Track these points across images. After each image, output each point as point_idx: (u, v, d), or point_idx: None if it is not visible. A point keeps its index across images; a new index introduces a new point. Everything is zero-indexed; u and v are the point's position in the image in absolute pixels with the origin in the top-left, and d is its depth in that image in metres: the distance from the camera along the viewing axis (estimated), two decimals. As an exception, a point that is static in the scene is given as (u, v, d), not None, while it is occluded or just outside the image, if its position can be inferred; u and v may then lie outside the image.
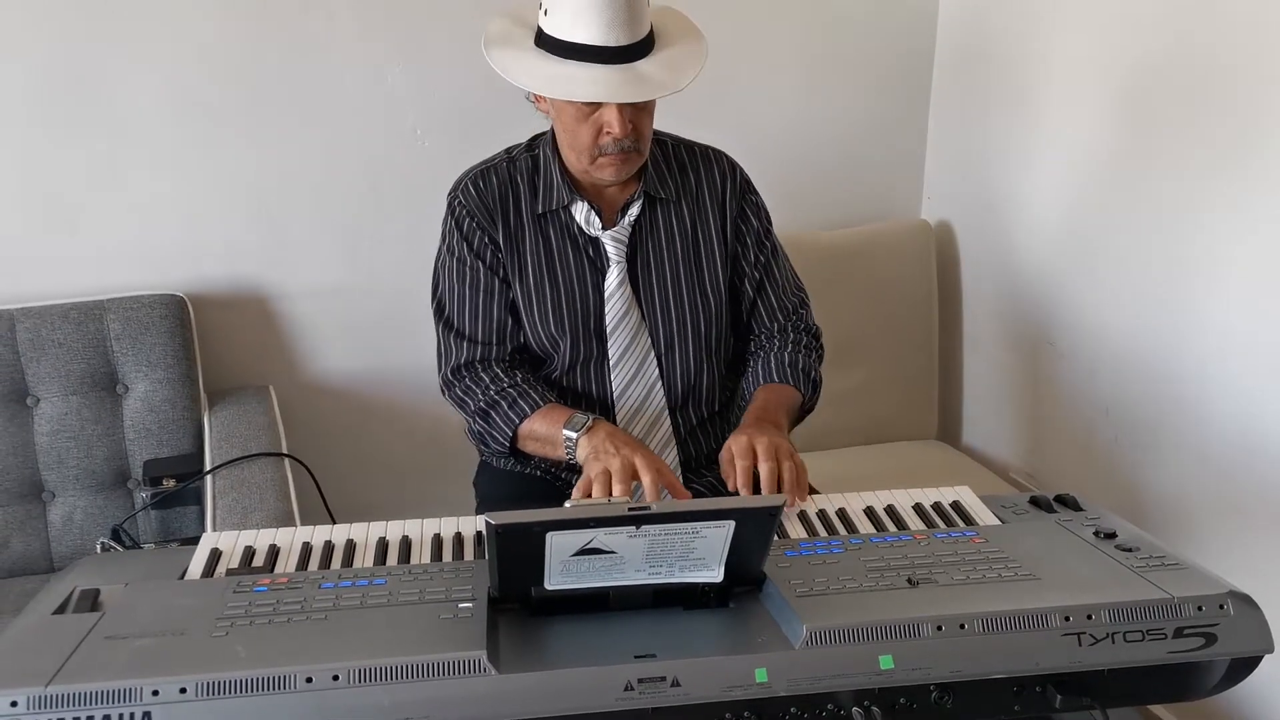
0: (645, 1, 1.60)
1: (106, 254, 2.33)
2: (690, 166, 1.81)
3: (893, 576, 1.20)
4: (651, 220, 1.77)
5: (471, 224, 1.74)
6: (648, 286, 1.77)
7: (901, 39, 2.71)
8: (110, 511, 2.20)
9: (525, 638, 1.12)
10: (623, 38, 1.56)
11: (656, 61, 1.60)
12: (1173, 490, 2.16)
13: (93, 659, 1.04)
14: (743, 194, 1.83)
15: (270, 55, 2.32)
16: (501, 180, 1.76)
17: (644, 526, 1.09)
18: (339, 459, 2.49)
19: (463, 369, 1.75)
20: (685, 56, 1.63)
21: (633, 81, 1.57)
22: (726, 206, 1.80)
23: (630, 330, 1.75)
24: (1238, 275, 1.96)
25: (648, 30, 1.61)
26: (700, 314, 1.78)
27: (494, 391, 1.70)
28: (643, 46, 1.60)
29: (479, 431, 1.75)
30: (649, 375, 1.77)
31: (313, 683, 1.02)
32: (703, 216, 1.79)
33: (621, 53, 1.57)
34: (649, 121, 1.67)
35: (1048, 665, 1.11)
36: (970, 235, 2.74)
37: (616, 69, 1.57)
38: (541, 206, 1.74)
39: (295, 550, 1.33)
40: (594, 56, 1.57)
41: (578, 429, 1.60)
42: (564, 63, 1.58)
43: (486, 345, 1.75)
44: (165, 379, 2.23)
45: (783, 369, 1.78)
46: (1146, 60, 2.12)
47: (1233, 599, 1.14)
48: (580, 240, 1.75)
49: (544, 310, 1.74)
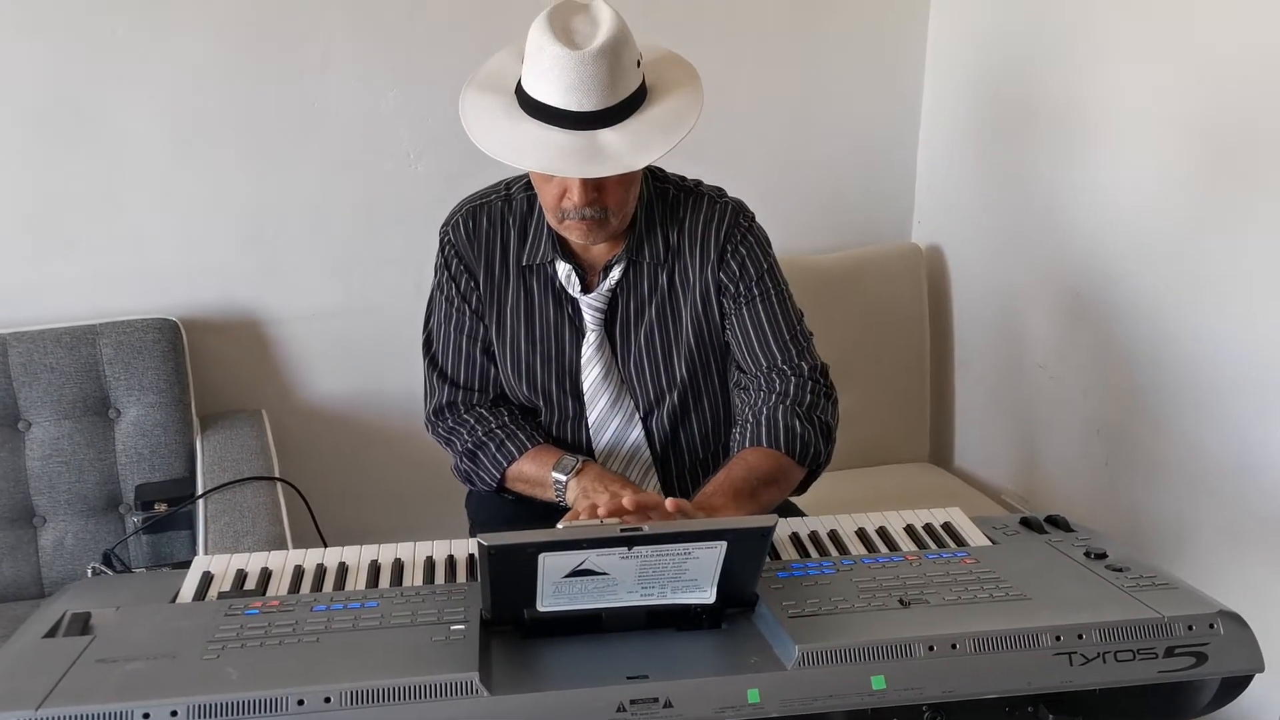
0: (627, 62, 1.46)
1: (99, 278, 2.33)
2: (684, 219, 1.68)
3: (885, 597, 1.21)
4: (635, 280, 1.68)
5: (459, 265, 1.69)
6: (625, 349, 1.69)
7: (891, 63, 2.73)
8: (102, 536, 2.19)
9: (518, 659, 1.12)
10: (586, 103, 1.44)
11: (626, 130, 1.46)
12: (1164, 511, 2.16)
13: (84, 682, 1.04)
14: (725, 241, 1.67)
15: (265, 80, 2.33)
16: (492, 221, 1.68)
17: (636, 548, 1.09)
18: (331, 483, 2.49)
19: (445, 410, 1.73)
20: (661, 125, 1.48)
21: (585, 153, 1.44)
22: (709, 257, 1.67)
23: (610, 393, 1.69)
24: (1228, 297, 1.97)
25: (626, 95, 1.47)
26: (681, 373, 1.70)
27: (481, 433, 1.68)
28: (614, 113, 1.46)
29: (465, 471, 1.72)
30: (633, 434, 1.72)
31: (304, 705, 1.02)
32: (682, 272, 1.68)
33: (585, 118, 1.45)
34: (621, 191, 1.54)
35: (1039, 685, 1.11)
36: (961, 259, 2.76)
37: (574, 135, 1.45)
38: (526, 258, 1.67)
39: (287, 573, 1.33)
40: (555, 119, 1.45)
41: (567, 472, 1.58)
42: (523, 120, 1.48)
43: (469, 390, 1.73)
44: (158, 403, 2.23)
45: (758, 431, 1.61)
46: (1138, 83, 2.13)
47: (1223, 618, 1.15)
48: (562, 297, 1.68)
49: (518, 366, 1.70)
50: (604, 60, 1.43)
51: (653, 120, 1.49)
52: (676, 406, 1.72)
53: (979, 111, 2.60)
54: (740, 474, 1.55)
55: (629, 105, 1.48)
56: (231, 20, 2.28)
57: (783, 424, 1.61)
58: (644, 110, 1.50)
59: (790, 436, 1.60)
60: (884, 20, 2.69)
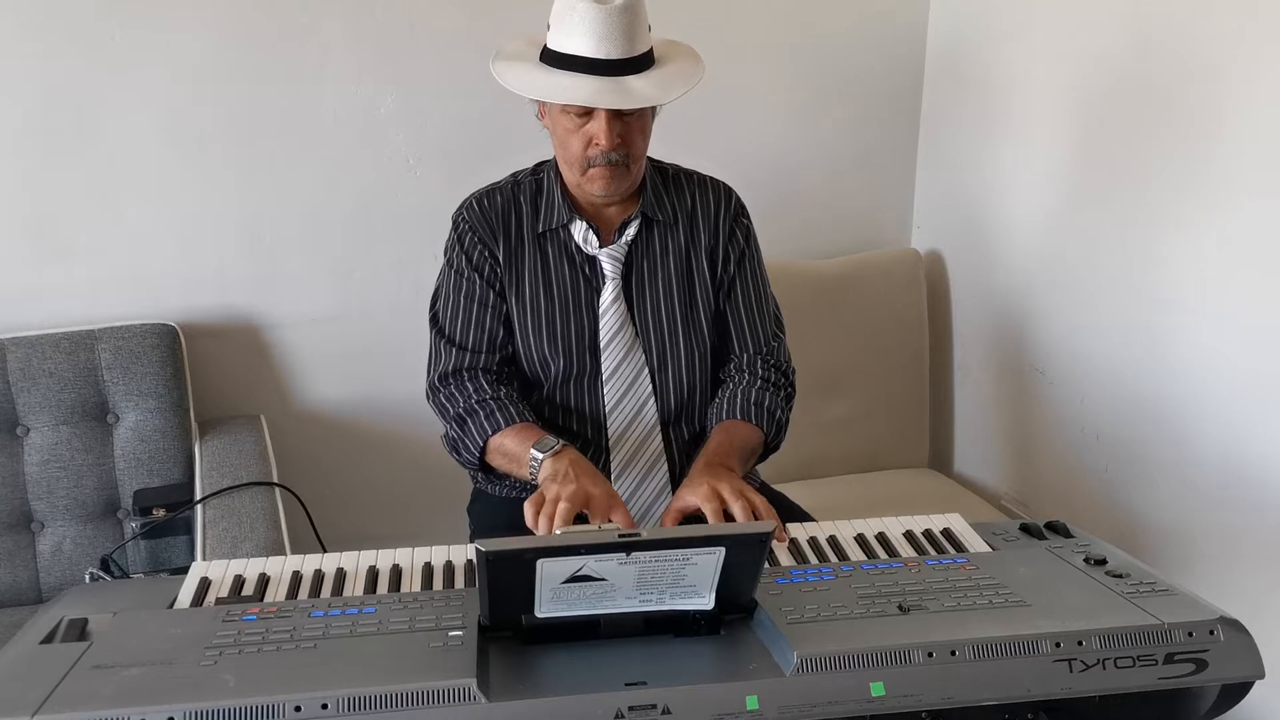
0: (644, 23, 1.66)
1: (98, 283, 2.33)
2: (688, 191, 1.86)
3: (884, 603, 1.20)
4: (648, 240, 1.81)
5: (472, 238, 1.79)
6: (641, 304, 1.80)
7: (890, 68, 2.73)
8: (100, 541, 2.18)
9: (516, 665, 1.12)
10: (614, 51, 1.62)
11: (647, 78, 1.66)
12: (1163, 516, 2.16)
13: (80, 688, 1.04)
14: (735, 217, 1.86)
15: (263, 84, 2.33)
16: (505, 200, 1.81)
17: (634, 553, 1.09)
18: (330, 488, 2.48)
19: (449, 375, 1.78)
20: (676, 75, 1.69)
21: (618, 92, 1.63)
22: (720, 229, 1.84)
23: (624, 346, 1.78)
24: (1226, 302, 1.97)
25: (644, 50, 1.66)
26: (693, 332, 1.81)
27: (475, 400, 1.73)
28: (636, 63, 1.65)
29: (453, 438, 1.77)
30: (642, 391, 1.79)
31: (301, 711, 1.01)
32: (695, 238, 1.83)
33: (613, 65, 1.63)
34: (640, 139, 1.72)
35: (1039, 691, 1.11)
36: (960, 264, 2.76)
37: (605, 80, 1.63)
38: (542, 225, 1.79)
39: (285, 579, 1.33)
40: (586, 68, 1.63)
41: (545, 450, 1.62)
42: (556, 73, 1.65)
43: (476, 353, 1.78)
44: (156, 408, 2.23)
45: (748, 406, 1.77)
46: (1136, 91, 2.14)
47: (1223, 625, 1.15)
48: (577, 258, 1.79)
49: (538, 325, 1.78)
50: (627, 15, 1.62)
51: (670, 71, 1.70)
52: (684, 366, 1.81)
53: (978, 117, 2.60)
54: (741, 440, 1.72)
55: (646, 59, 1.67)
56: (229, 26, 2.28)
57: (766, 405, 1.78)
58: (658, 66, 1.69)
59: (770, 419, 1.78)
60: (882, 23, 2.69)
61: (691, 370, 1.82)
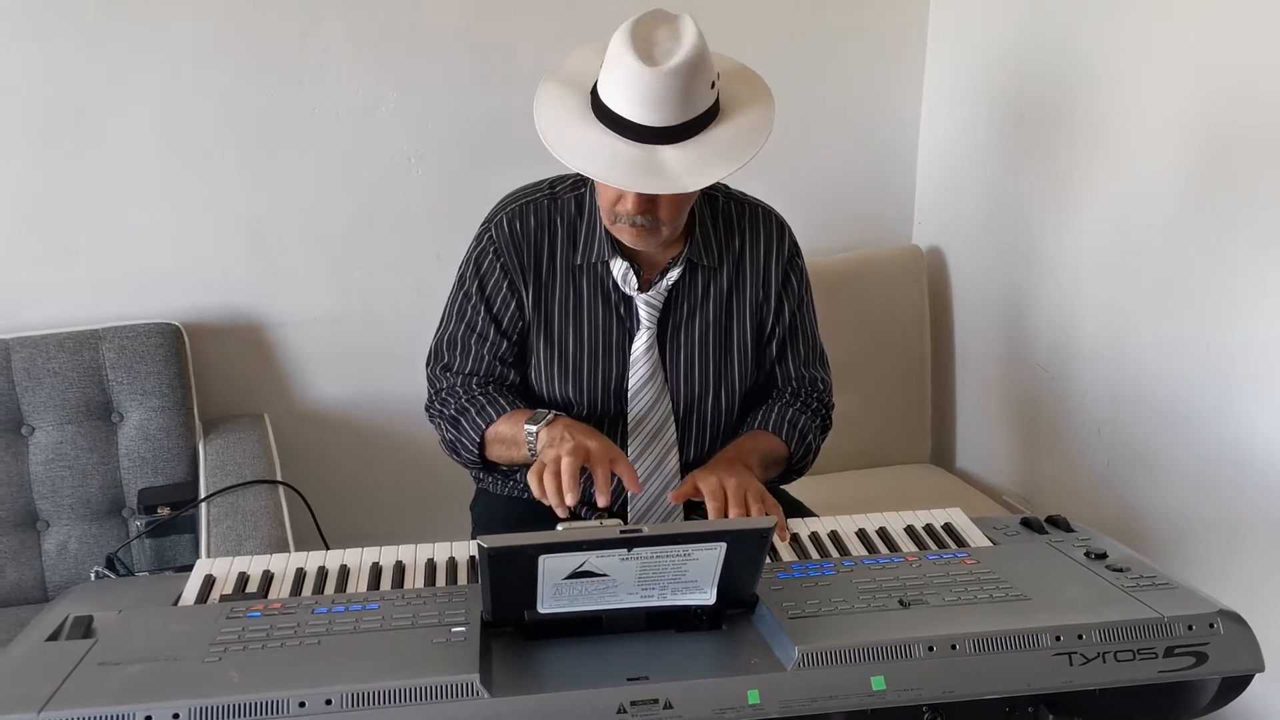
0: (702, 82, 1.46)
1: (101, 283, 2.34)
2: (738, 228, 1.72)
3: (885, 598, 1.21)
4: (690, 283, 1.70)
5: (495, 263, 1.68)
6: (675, 352, 1.71)
7: (891, 64, 2.73)
8: (105, 540, 2.19)
9: (518, 661, 1.12)
10: (652, 119, 1.44)
11: (688, 149, 1.46)
12: (1165, 511, 2.16)
13: (86, 685, 1.05)
14: (790, 260, 1.75)
15: (265, 83, 2.33)
16: (540, 221, 1.68)
17: (636, 549, 1.09)
18: (333, 486, 2.49)
19: (441, 389, 1.76)
20: (721, 149, 1.48)
21: (643, 166, 1.45)
22: (772, 274, 1.73)
23: (652, 395, 1.70)
24: (1226, 296, 1.97)
25: (694, 115, 1.47)
26: (724, 382, 1.73)
27: (465, 399, 1.70)
28: (679, 131, 1.46)
29: (450, 440, 1.73)
30: (666, 440, 1.72)
31: (306, 707, 1.02)
32: (740, 284, 1.72)
33: (650, 133, 1.45)
34: (677, 207, 1.56)
35: (1039, 685, 1.11)
36: (961, 260, 2.76)
37: (636, 147, 1.46)
38: (579, 257, 1.67)
39: (289, 576, 1.34)
40: (620, 128, 1.46)
41: (538, 422, 1.58)
42: (591, 124, 1.49)
43: (470, 377, 1.74)
44: (160, 407, 2.23)
45: (780, 423, 1.74)
46: (1138, 87, 2.14)
47: (1223, 618, 1.15)
48: (613, 297, 1.68)
49: (564, 367, 1.69)
50: (676, 79, 1.43)
51: (716, 141, 1.49)
52: (709, 412, 1.74)
53: (979, 112, 2.61)
54: (766, 448, 1.70)
55: (696, 125, 1.48)
56: (231, 24, 2.28)
57: (800, 426, 1.76)
58: (710, 130, 1.50)
59: (801, 441, 1.75)
60: (884, 21, 2.69)
61: (718, 419, 1.75)
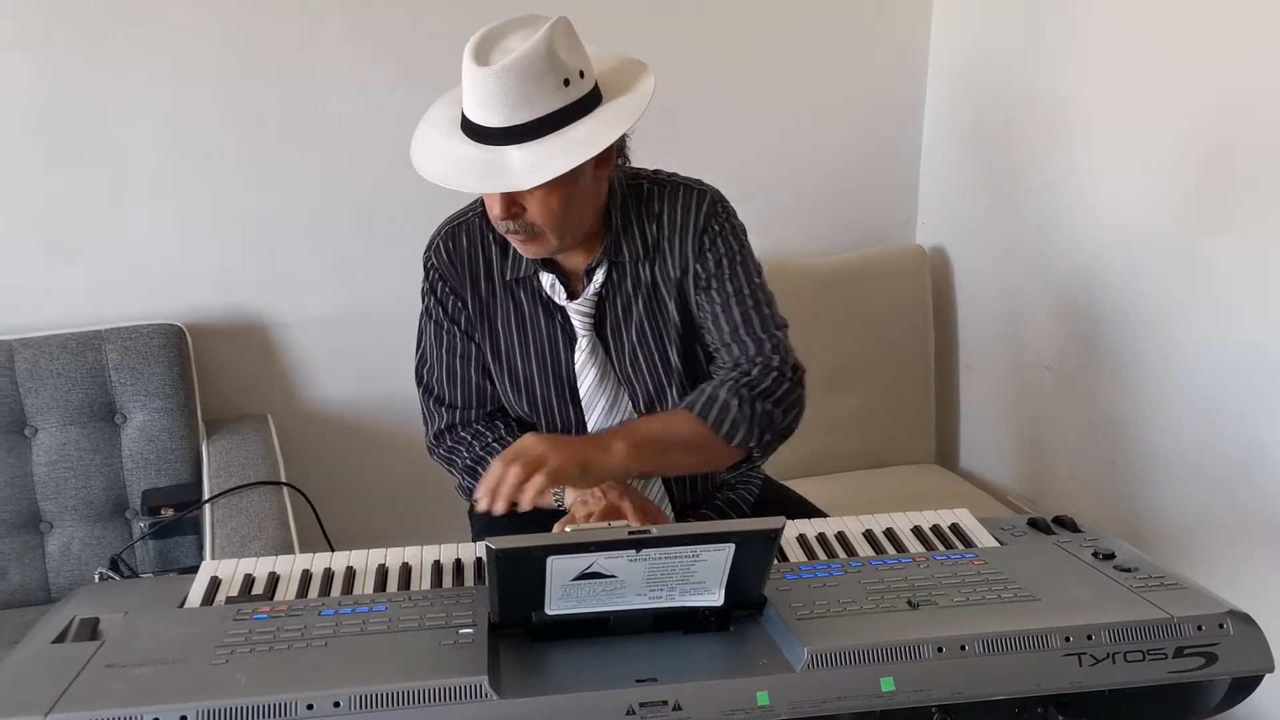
0: (547, 84, 1.42)
1: (104, 284, 2.34)
2: (658, 213, 1.66)
3: (893, 599, 1.20)
4: (619, 282, 1.66)
5: (444, 288, 1.68)
6: (619, 350, 1.68)
7: (894, 64, 2.73)
8: (108, 542, 2.19)
9: (526, 663, 1.12)
10: (492, 119, 1.43)
11: (530, 150, 1.43)
12: (1171, 511, 2.16)
13: (93, 688, 1.04)
14: (702, 231, 1.65)
15: (267, 84, 2.33)
16: (471, 239, 1.67)
17: (644, 550, 1.09)
18: (337, 487, 2.49)
19: (444, 433, 1.73)
20: (569, 146, 1.44)
21: (487, 168, 1.44)
22: (688, 248, 1.65)
23: (608, 398, 1.68)
24: (1233, 295, 1.97)
25: (540, 114, 1.43)
26: (674, 370, 1.69)
27: (479, 448, 1.68)
28: (523, 131, 1.43)
29: (469, 489, 1.70)
30: None
31: (314, 709, 1.01)
32: (662, 268, 1.66)
33: (493, 134, 1.44)
34: (547, 208, 1.49)
35: (1048, 686, 1.11)
36: (965, 260, 2.76)
37: (483, 150, 1.45)
38: (510, 272, 1.66)
39: (295, 578, 1.33)
40: (471, 134, 1.47)
41: None
42: (453, 135, 1.50)
43: (465, 409, 1.72)
44: (163, 408, 2.23)
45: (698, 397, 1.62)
46: (1141, 85, 2.13)
47: (1232, 618, 1.14)
48: (551, 307, 1.67)
49: (516, 384, 1.69)
50: (510, 78, 1.41)
51: (565, 140, 1.44)
52: (676, 401, 1.70)
53: (982, 113, 2.60)
54: (656, 428, 1.60)
55: (546, 124, 1.44)
56: (233, 26, 2.28)
57: (720, 399, 1.60)
58: (565, 130, 1.45)
59: (720, 411, 1.60)
60: (886, 21, 2.69)
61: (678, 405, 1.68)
